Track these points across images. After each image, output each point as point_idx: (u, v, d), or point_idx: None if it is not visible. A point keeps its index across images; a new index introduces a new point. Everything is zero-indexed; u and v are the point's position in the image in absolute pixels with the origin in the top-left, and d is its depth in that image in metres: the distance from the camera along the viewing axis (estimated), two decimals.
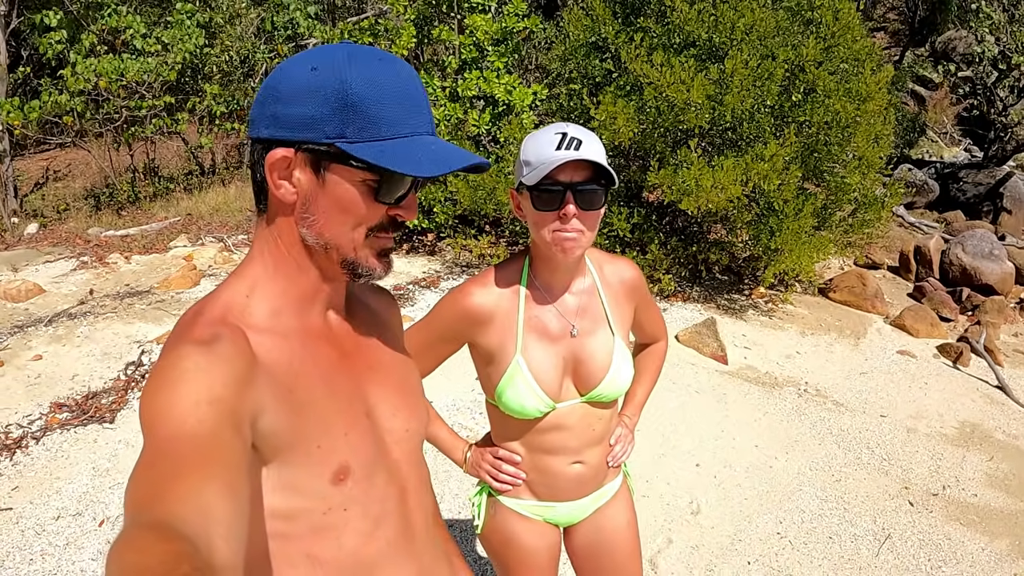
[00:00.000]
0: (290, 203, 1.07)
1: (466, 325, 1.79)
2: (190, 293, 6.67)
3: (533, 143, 1.64)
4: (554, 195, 1.60)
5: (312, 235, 1.07)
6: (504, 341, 1.78)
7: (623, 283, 1.89)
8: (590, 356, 1.81)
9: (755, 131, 6.47)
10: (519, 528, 1.97)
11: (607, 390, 1.82)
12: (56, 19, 9.12)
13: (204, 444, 0.85)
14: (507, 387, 1.77)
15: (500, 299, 1.78)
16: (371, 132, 1.01)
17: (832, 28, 6.67)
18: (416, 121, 1.05)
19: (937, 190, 11.24)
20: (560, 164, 1.57)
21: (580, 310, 1.82)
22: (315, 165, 1.03)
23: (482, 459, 1.97)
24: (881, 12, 18.24)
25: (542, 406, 1.79)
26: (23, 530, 3.66)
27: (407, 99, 1.04)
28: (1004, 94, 11.84)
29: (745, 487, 4.21)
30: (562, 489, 1.94)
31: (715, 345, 5.88)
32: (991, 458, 4.76)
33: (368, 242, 1.08)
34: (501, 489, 1.96)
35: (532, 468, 1.91)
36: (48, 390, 4.95)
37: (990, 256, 7.72)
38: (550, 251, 1.68)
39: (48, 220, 9.38)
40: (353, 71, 1.02)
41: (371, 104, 1.01)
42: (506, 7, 8.14)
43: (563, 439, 1.86)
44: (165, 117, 10.05)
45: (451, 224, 8.05)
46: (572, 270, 1.80)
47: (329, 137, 1.01)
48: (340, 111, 1.00)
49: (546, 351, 1.78)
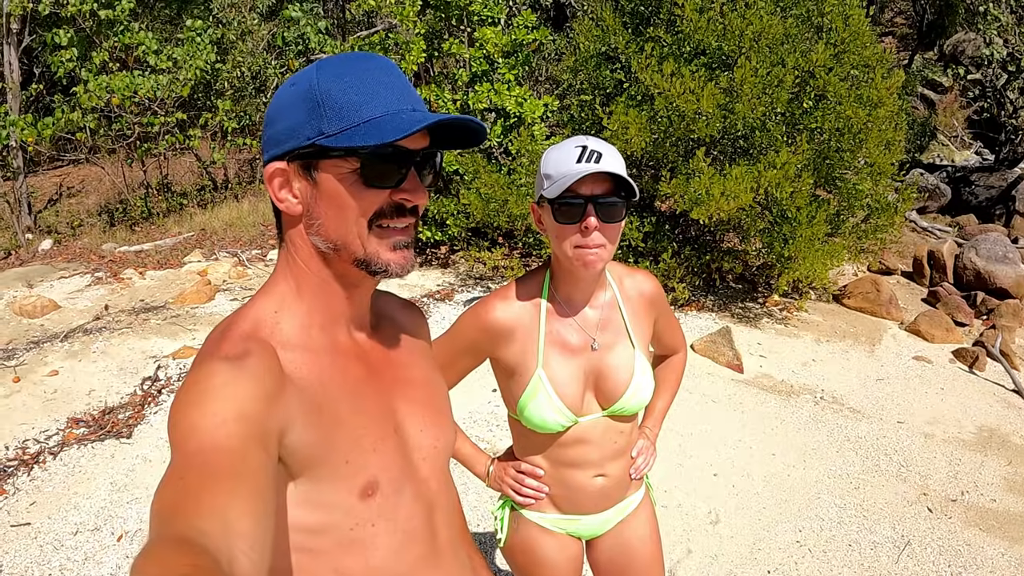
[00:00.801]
0: (297, 214, 1.09)
1: (488, 339, 1.80)
2: (205, 308, 6.70)
3: (554, 156, 1.65)
4: (575, 208, 1.61)
5: (321, 240, 1.08)
6: (526, 355, 1.78)
7: (642, 296, 1.89)
8: (611, 370, 1.81)
9: (766, 139, 6.46)
10: (542, 541, 1.96)
11: (628, 403, 1.82)
12: (67, 38, 9.20)
13: (231, 460, 0.86)
14: (529, 401, 1.77)
15: (521, 313, 1.79)
16: (344, 121, 1.02)
17: (842, 34, 6.66)
18: (390, 101, 1.04)
19: (949, 194, 11.19)
20: (581, 177, 1.57)
21: (601, 323, 1.82)
22: (307, 170, 1.05)
23: (505, 473, 1.97)
24: (889, 16, 18.22)
25: (564, 420, 1.79)
26: (41, 545, 3.68)
27: (376, 83, 1.04)
28: (1014, 96, 11.79)
29: (763, 496, 4.20)
30: (585, 502, 1.93)
31: (731, 354, 5.87)
32: (1009, 463, 4.72)
33: (375, 234, 1.06)
34: (524, 503, 1.96)
35: (555, 482, 1.91)
36: (65, 405, 4.98)
37: (1004, 259, 7.67)
38: (571, 264, 1.68)
39: (62, 236, 9.45)
40: (324, 73, 1.05)
41: (339, 95, 1.02)
42: (516, 19, 8.17)
43: (585, 452, 1.86)
44: (177, 133, 10.13)
45: (464, 236, 8.06)
46: (593, 283, 1.80)
47: (310, 138, 1.03)
48: (313, 112, 1.03)
49: (567, 365, 1.79)
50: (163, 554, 0.72)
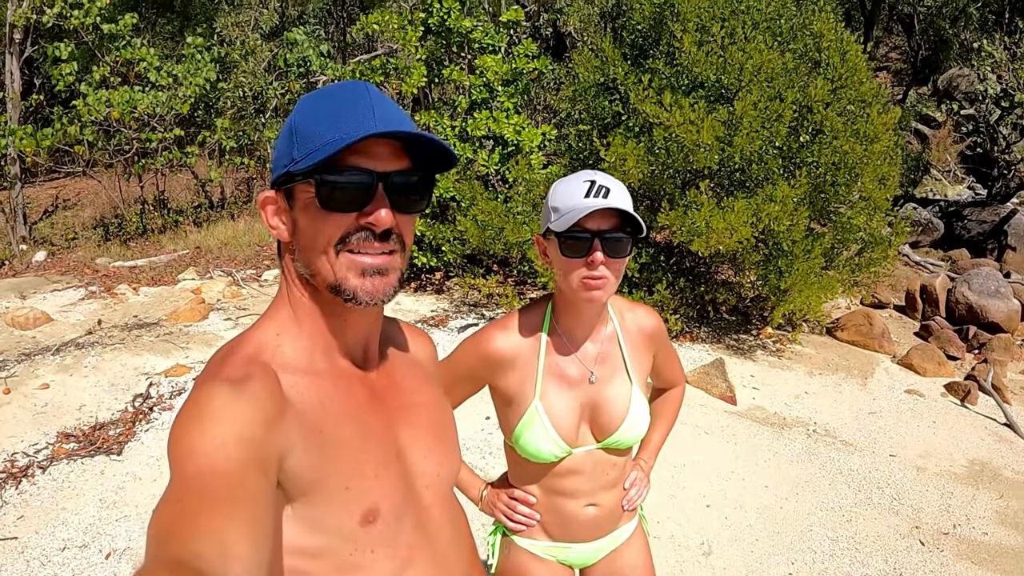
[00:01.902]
0: (286, 241, 1.10)
1: (487, 368, 1.81)
2: (198, 327, 6.68)
3: (562, 190, 1.67)
4: (582, 242, 1.62)
5: (302, 266, 1.09)
6: (524, 385, 1.79)
7: (642, 331, 1.90)
8: (608, 403, 1.82)
9: (764, 172, 6.51)
10: (533, 568, 1.96)
11: (623, 437, 1.83)
12: (67, 51, 9.23)
13: (229, 483, 0.86)
14: (524, 431, 1.78)
15: (521, 344, 1.80)
16: (306, 147, 1.02)
17: (840, 70, 6.74)
18: (355, 123, 1.01)
19: (942, 228, 11.27)
20: (589, 212, 1.59)
21: (600, 357, 1.83)
22: (288, 197, 1.07)
23: (497, 499, 1.98)
24: (884, 52, 18.44)
25: (558, 451, 1.80)
26: (28, 560, 3.65)
27: (342, 109, 1.03)
28: (1007, 131, 11.89)
29: (756, 528, 4.19)
30: (576, 531, 1.94)
31: (724, 386, 5.87)
32: (1001, 496, 4.73)
33: (344, 260, 1.04)
34: (515, 529, 1.96)
35: (547, 510, 1.92)
36: (55, 419, 4.95)
37: (996, 294, 7.72)
38: (575, 297, 1.69)
39: (56, 248, 9.43)
40: (302, 103, 1.07)
41: (307, 124, 1.04)
42: (516, 48, 8.24)
43: (578, 483, 1.87)
44: (175, 150, 10.14)
45: (459, 263, 8.08)
46: (595, 317, 1.81)
47: (285, 167, 1.05)
48: (288, 141, 1.05)
49: (564, 397, 1.80)
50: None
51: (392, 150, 1.05)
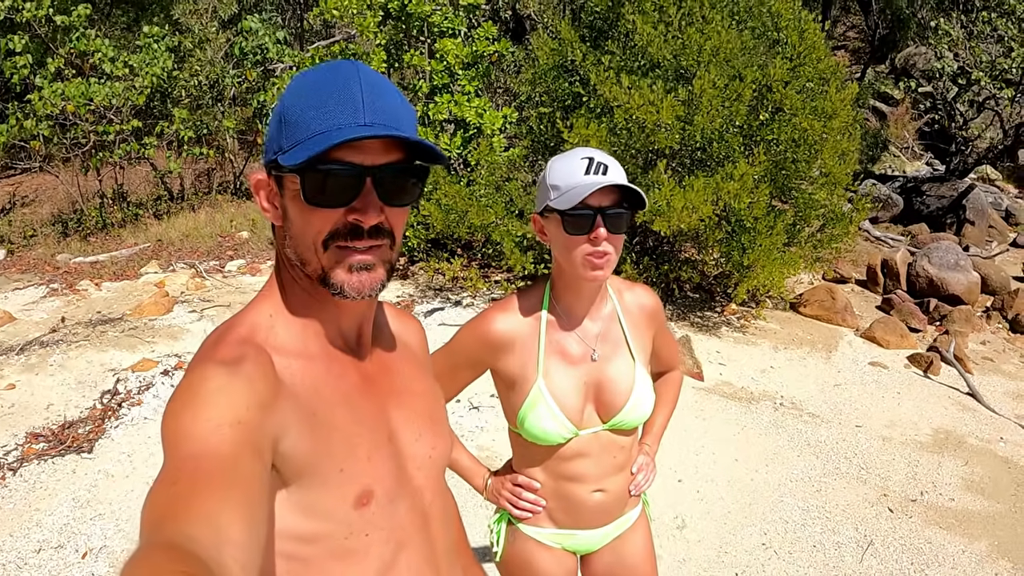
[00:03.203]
0: (279, 225, 1.09)
1: (488, 351, 1.80)
2: (163, 320, 6.61)
3: (560, 168, 1.67)
4: (585, 219, 1.63)
5: (292, 253, 1.07)
6: (525, 366, 1.79)
7: (642, 309, 1.90)
8: (611, 381, 1.81)
9: (724, 151, 6.57)
10: (538, 556, 1.95)
11: (629, 416, 1.82)
12: (21, 44, 9.03)
13: (223, 466, 0.85)
14: (529, 412, 1.77)
15: (521, 325, 1.79)
16: (294, 137, 1.00)
17: (798, 48, 6.80)
18: (340, 115, 0.99)
19: (901, 204, 11.44)
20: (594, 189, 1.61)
21: (601, 336, 1.83)
22: (278, 184, 1.06)
23: (502, 487, 1.96)
24: (842, 31, 18.60)
25: (564, 431, 1.78)
26: (4, 564, 3.61)
27: (330, 96, 1.00)
28: (964, 108, 12.11)
29: (728, 500, 4.26)
30: (583, 517, 1.92)
31: (690, 362, 5.94)
32: (966, 463, 4.85)
33: (332, 254, 1.03)
34: (521, 516, 1.94)
35: (553, 496, 1.90)
36: (23, 420, 4.89)
37: (956, 267, 7.88)
38: (579, 273, 1.70)
39: (16, 246, 9.25)
40: (292, 85, 1.05)
41: (296, 112, 1.01)
42: (476, 31, 8.21)
43: (585, 467, 1.85)
44: (133, 142, 9.97)
45: (423, 248, 8.06)
46: (595, 295, 1.82)
47: (275, 153, 1.03)
48: (279, 127, 1.03)
49: (568, 376, 1.79)
50: (153, 560, 0.71)
51: (383, 143, 1.02)
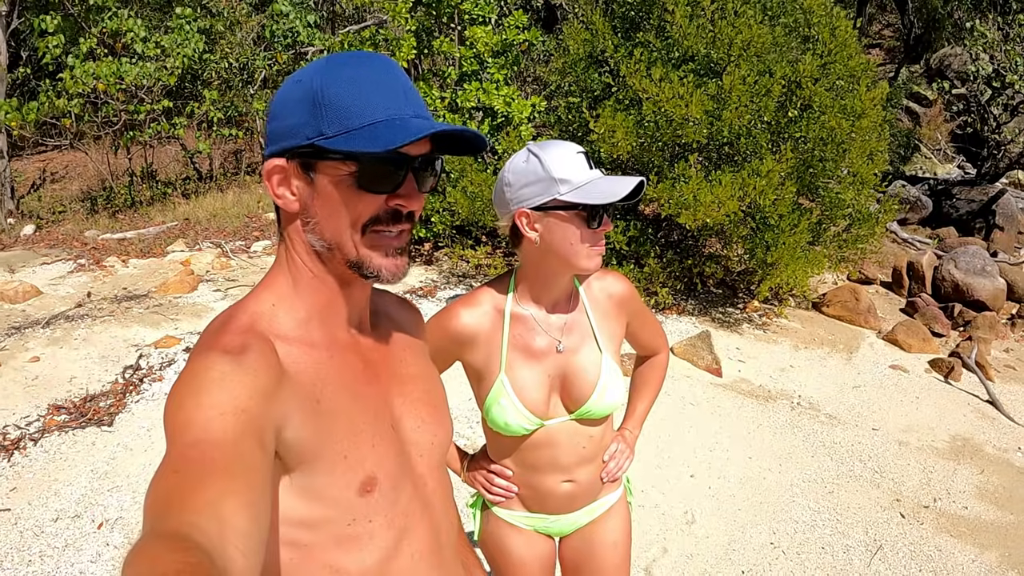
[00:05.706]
0: (294, 211, 1.09)
1: (454, 345, 1.82)
2: (188, 298, 6.69)
3: (560, 161, 1.65)
4: (596, 213, 1.66)
5: (317, 239, 1.08)
6: (489, 360, 1.81)
7: (611, 298, 1.90)
8: (577, 372, 1.82)
9: (752, 146, 6.53)
10: (512, 538, 2.00)
11: (595, 407, 1.83)
12: (54, 24, 9.13)
13: (226, 454, 0.85)
14: (492, 405, 1.80)
15: (484, 319, 1.81)
16: (345, 124, 1.01)
17: (829, 45, 6.74)
18: (393, 105, 1.03)
19: (930, 206, 11.31)
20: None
21: (567, 327, 1.84)
22: (305, 169, 1.05)
23: (477, 471, 2.01)
24: (877, 29, 18.39)
25: (526, 424, 1.80)
26: (22, 531, 3.68)
27: (380, 86, 1.03)
28: (998, 112, 11.93)
29: (739, 498, 4.25)
30: (553, 504, 1.96)
31: (710, 358, 5.93)
32: (981, 471, 4.81)
33: (369, 239, 1.06)
34: (494, 501, 1.99)
35: (523, 483, 1.94)
36: (46, 392, 4.97)
37: (982, 272, 7.79)
38: (577, 266, 1.71)
39: (45, 222, 9.39)
40: (327, 72, 1.04)
41: (342, 97, 1.02)
42: (507, 19, 8.20)
43: (553, 456, 1.87)
44: (163, 122, 10.07)
45: (449, 234, 8.09)
46: (566, 288, 1.83)
47: (309, 138, 1.03)
48: (315, 112, 1.02)
49: (531, 369, 1.80)
50: (155, 550, 0.71)
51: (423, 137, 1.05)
